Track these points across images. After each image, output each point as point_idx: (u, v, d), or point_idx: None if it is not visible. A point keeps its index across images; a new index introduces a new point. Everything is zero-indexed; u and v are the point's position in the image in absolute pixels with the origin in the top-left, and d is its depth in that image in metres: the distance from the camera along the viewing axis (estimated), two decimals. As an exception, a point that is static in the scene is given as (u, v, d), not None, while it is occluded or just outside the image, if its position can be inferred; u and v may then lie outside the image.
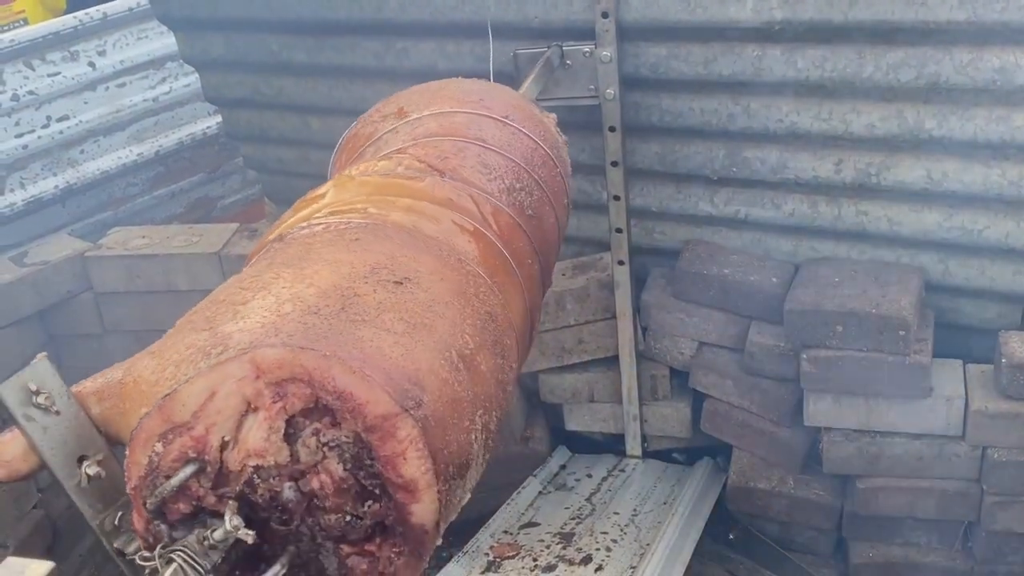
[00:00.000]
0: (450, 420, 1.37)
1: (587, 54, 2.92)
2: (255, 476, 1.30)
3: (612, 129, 2.99)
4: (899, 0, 2.58)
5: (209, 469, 1.31)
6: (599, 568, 3.02)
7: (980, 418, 2.78)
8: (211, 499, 1.31)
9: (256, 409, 1.31)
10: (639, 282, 3.30)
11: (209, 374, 1.31)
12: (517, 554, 3.12)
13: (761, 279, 3.06)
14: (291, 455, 1.30)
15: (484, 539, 3.22)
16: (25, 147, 4.35)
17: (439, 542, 1.35)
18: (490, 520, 3.31)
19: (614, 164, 3.04)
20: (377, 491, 1.31)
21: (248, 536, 1.27)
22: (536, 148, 2.09)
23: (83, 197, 4.58)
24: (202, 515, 1.31)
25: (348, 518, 1.31)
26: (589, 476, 3.50)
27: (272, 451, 1.30)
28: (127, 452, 1.36)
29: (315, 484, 1.30)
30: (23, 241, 4.20)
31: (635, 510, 3.28)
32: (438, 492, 1.30)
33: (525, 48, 2.99)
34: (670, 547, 3.07)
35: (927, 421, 2.86)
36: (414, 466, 1.29)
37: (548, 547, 3.15)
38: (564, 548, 3.14)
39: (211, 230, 3.57)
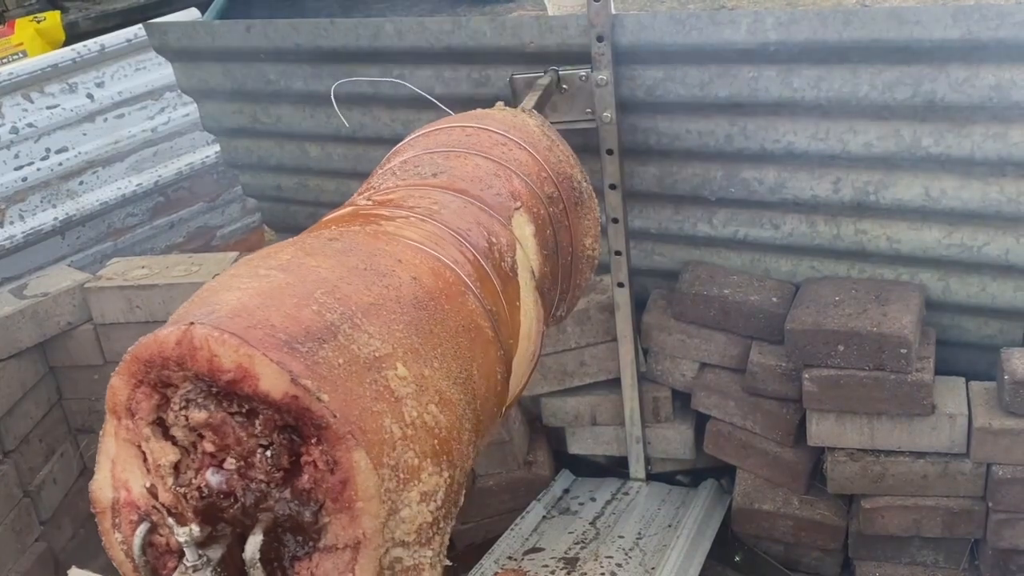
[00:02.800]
0: (260, 305, 1.36)
1: (583, 78, 2.93)
2: (179, 489, 1.32)
3: (610, 152, 2.99)
4: (893, 19, 2.59)
5: (157, 519, 1.34)
6: (604, 593, 3.01)
7: (984, 435, 2.77)
8: (175, 541, 1.33)
9: (142, 441, 1.35)
10: (639, 304, 3.30)
11: (101, 449, 1.38)
12: (522, 580, 3.11)
13: (761, 299, 3.06)
14: (178, 447, 1.33)
15: (488, 566, 3.20)
16: (24, 179, 4.35)
17: (325, 398, 1.28)
18: (494, 546, 3.29)
19: (612, 187, 3.05)
20: (246, 408, 1.31)
21: (193, 533, 1.28)
22: (455, 128, 2.19)
23: (82, 228, 4.59)
24: None
25: (267, 454, 1.30)
26: (593, 500, 3.49)
27: (160, 457, 1.33)
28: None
29: (208, 448, 1.31)
30: (22, 273, 4.20)
31: (640, 533, 3.27)
32: (269, 356, 1.28)
33: (521, 73, 3.00)
34: (675, 570, 3.05)
35: (930, 439, 2.85)
36: (226, 354, 1.28)
37: (553, 572, 3.14)
38: (568, 573, 3.12)
39: (210, 259, 3.57)
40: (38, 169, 4.40)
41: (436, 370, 1.47)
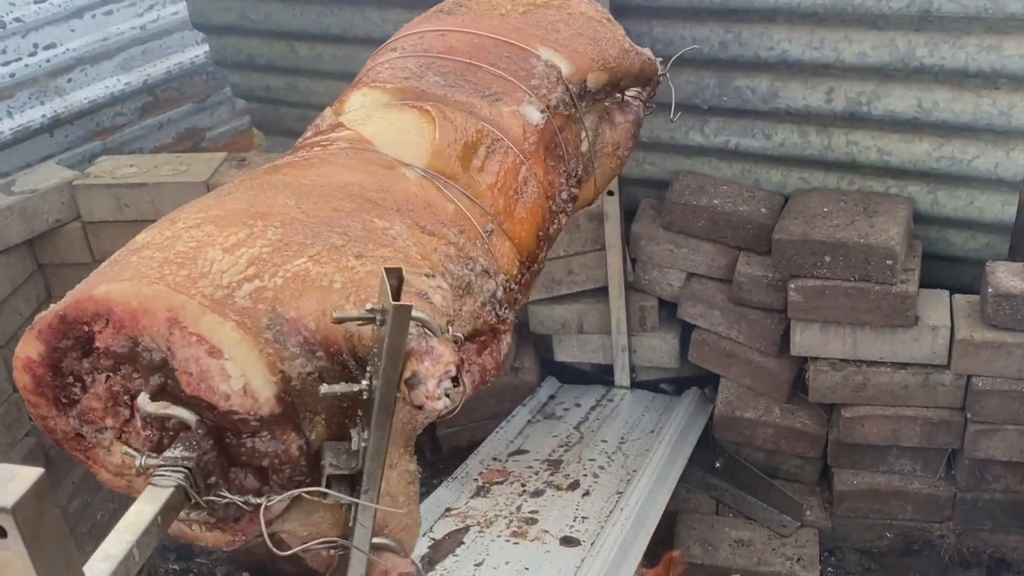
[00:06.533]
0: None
1: (578, -20, 2.88)
2: (137, 421, 1.45)
3: (602, 57, 2.96)
4: (893, -75, 2.56)
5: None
6: (586, 493, 3.06)
7: (965, 347, 2.81)
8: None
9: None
10: (629, 213, 3.30)
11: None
12: (506, 480, 3.15)
13: (750, 210, 3.06)
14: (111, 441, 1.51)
15: (473, 465, 3.25)
16: (12, 75, 4.29)
17: (68, 301, 1.43)
18: (479, 447, 3.34)
19: (604, 93, 3.02)
20: (75, 340, 1.46)
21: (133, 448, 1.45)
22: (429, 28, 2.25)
23: (71, 127, 4.54)
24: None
25: (114, 376, 1.45)
26: (578, 406, 3.53)
27: (117, 457, 1.51)
28: None
29: (110, 424, 1.48)
30: (11, 170, 4.17)
31: (622, 438, 3.32)
32: (30, 335, 1.46)
33: (515, -26, 2.95)
34: (656, 474, 3.10)
35: (912, 350, 2.88)
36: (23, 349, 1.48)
37: (536, 473, 3.19)
38: (552, 474, 3.17)
39: (199, 159, 3.54)
40: (26, 65, 4.34)
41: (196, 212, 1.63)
